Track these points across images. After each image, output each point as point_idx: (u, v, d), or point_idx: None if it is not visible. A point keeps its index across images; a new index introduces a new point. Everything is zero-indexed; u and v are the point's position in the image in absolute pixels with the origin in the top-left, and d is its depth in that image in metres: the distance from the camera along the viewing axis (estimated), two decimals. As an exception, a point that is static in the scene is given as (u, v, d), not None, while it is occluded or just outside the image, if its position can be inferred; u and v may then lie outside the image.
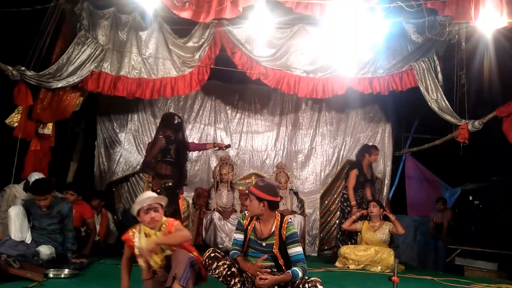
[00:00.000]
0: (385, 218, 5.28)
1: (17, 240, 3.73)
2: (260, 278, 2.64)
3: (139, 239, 2.83)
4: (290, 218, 2.97)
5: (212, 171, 6.63)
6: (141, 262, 2.79)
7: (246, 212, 3.03)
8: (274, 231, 2.89)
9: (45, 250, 3.88)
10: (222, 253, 2.84)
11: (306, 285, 2.61)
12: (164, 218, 2.89)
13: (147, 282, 2.78)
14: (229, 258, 2.84)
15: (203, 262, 2.79)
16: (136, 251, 2.81)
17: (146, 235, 2.82)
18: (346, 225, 5.36)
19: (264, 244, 2.88)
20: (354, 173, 5.68)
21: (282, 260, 2.86)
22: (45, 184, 3.99)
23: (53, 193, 4.12)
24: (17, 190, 4.51)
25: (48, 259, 3.86)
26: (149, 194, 2.92)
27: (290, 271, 2.71)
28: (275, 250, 2.85)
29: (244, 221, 2.97)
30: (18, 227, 3.83)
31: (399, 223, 5.15)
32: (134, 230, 2.88)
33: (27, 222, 3.95)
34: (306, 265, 2.80)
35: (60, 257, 4.03)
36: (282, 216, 2.95)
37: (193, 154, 6.48)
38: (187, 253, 2.73)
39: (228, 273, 2.73)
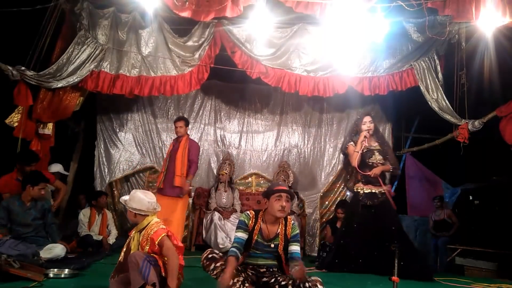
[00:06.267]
0: None
1: None
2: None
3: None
4: (293, 219, 3.00)
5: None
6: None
7: (249, 212, 2.99)
8: (279, 232, 2.91)
9: (59, 251, 3.98)
10: (219, 254, 2.83)
11: (307, 284, 2.63)
12: (154, 221, 2.73)
13: (113, 280, 2.71)
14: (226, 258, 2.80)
15: (201, 263, 2.79)
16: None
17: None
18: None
19: (272, 245, 2.89)
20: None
21: (284, 260, 2.89)
22: (40, 175, 4.26)
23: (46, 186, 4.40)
24: None
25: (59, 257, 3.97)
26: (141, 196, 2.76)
27: (295, 256, 2.83)
28: (280, 251, 2.88)
29: (250, 222, 2.92)
30: None
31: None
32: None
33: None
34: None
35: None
36: (285, 217, 2.95)
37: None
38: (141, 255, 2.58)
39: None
